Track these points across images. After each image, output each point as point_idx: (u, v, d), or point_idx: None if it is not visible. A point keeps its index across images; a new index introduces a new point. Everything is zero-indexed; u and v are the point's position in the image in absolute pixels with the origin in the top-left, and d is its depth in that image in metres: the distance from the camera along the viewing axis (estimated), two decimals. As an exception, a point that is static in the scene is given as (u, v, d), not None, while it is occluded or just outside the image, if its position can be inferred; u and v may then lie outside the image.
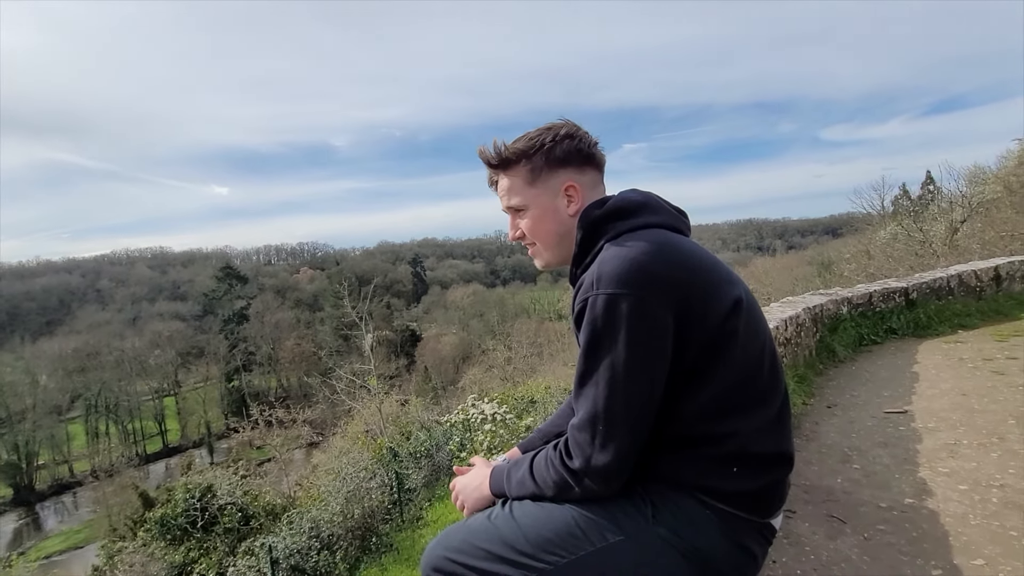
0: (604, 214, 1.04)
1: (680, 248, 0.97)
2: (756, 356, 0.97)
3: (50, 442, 37.10)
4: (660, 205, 1.08)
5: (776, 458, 0.97)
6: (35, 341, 50.67)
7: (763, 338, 1.00)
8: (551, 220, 1.11)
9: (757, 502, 0.96)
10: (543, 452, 1.03)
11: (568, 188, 1.09)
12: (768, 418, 0.96)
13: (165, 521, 8.66)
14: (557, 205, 1.10)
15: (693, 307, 0.90)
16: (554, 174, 1.09)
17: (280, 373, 48.67)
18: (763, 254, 66.15)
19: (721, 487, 0.93)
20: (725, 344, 0.93)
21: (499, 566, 0.95)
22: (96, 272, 73.76)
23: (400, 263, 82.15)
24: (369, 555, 6.80)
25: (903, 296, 5.74)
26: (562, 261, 1.14)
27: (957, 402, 3.40)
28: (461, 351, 43.64)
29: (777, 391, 1.00)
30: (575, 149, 1.09)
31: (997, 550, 1.86)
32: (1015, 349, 4.42)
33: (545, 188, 1.10)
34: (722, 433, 0.93)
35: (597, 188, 1.13)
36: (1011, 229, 12.35)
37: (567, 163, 1.09)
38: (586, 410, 0.92)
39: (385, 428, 11.85)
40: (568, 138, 1.09)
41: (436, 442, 8.83)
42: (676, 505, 0.94)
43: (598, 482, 0.93)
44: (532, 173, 1.10)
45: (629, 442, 0.91)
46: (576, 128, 1.12)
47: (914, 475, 2.50)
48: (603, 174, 1.15)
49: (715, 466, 0.94)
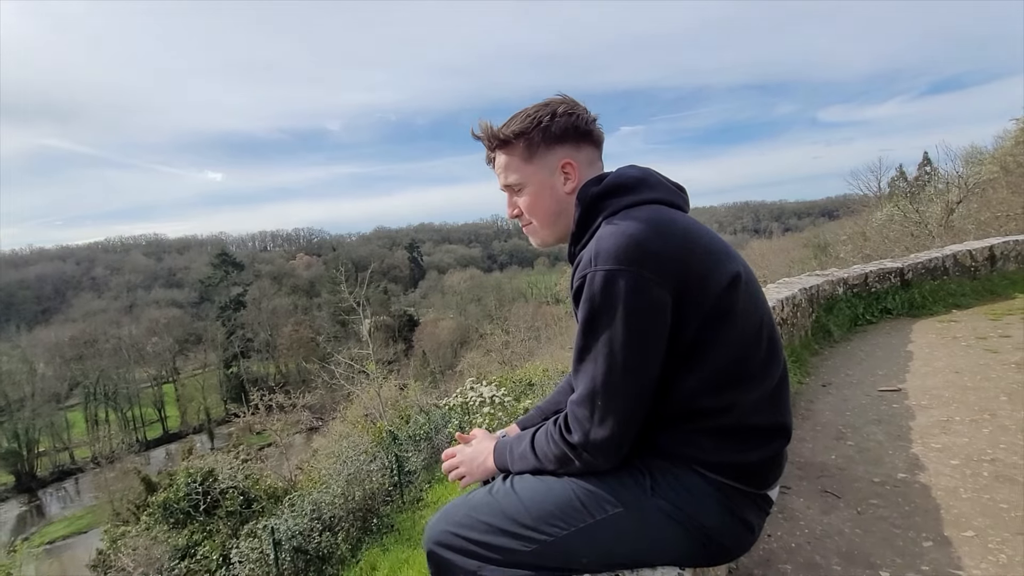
0: (602, 191, 1.03)
1: (678, 224, 0.96)
2: (754, 330, 0.97)
3: (50, 430, 37.24)
4: (658, 181, 1.08)
5: (774, 430, 0.98)
6: (31, 330, 50.51)
7: (761, 312, 1.00)
8: (548, 198, 1.10)
9: (755, 474, 0.97)
10: (544, 427, 1.04)
11: (565, 165, 1.08)
12: (766, 391, 0.97)
13: (168, 505, 8.75)
14: (554, 182, 1.09)
15: (691, 283, 0.90)
16: (551, 151, 1.08)
17: (278, 359, 48.76)
18: (760, 237, 66.15)
19: (719, 460, 0.95)
20: (723, 319, 0.93)
21: (501, 538, 0.97)
22: (90, 260, 73.25)
23: (397, 248, 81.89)
24: (370, 536, 6.89)
25: (898, 276, 5.76)
26: (559, 239, 1.13)
27: (950, 380, 3.44)
28: (459, 335, 43.76)
29: (776, 365, 1.00)
30: (572, 126, 1.08)
31: (987, 522, 1.90)
32: (1008, 327, 4.46)
33: (542, 165, 1.09)
34: (721, 406, 0.94)
35: (595, 165, 1.12)
36: (1007, 209, 12.37)
37: (564, 140, 1.08)
38: (585, 385, 0.93)
39: (384, 412, 11.93)
40: (565, 115, 1.07)
41: (435, 425, 8.91)
42: (675, 477, 0.95)
43: (597, 456, 0.94)
44: (529, 150, 1.08)
45: (627, 417, 0.92)
46: (574, 104, 1.10)
47: (907, 451, 2.54)
48: (601, 151, 1.14)
49: (714, 439, 0.94)
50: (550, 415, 1.29)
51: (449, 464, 1.22)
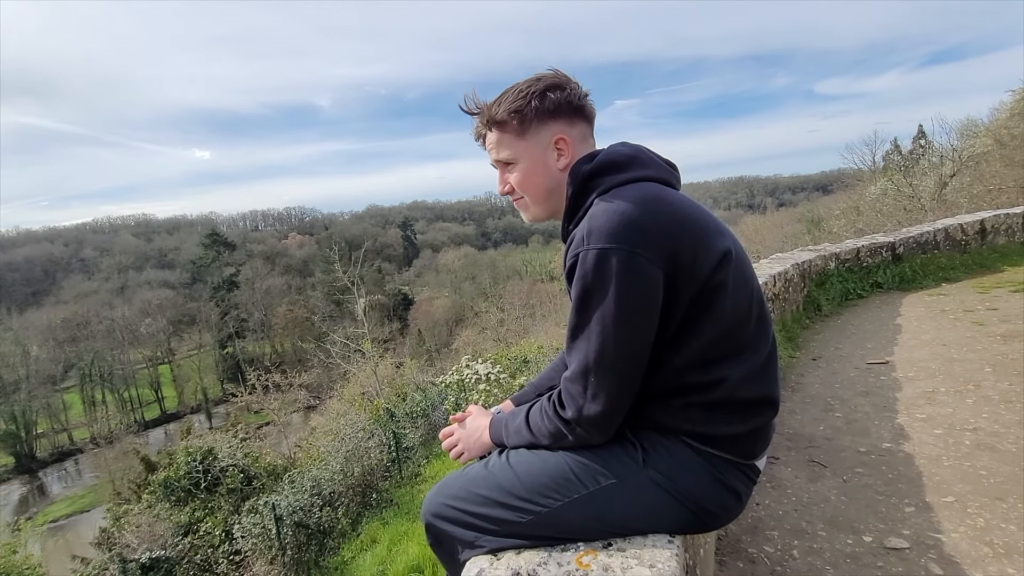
0: (594, 168, 1.03)
1: (670, 201, 0.97)
2: (744, 306, 0.99)
3: (47, 411, 37.32)
4: (650, 158, 1.08)
5: (762, 402, 1.01)
6: (22, 312, 50.14)
7: (751, 288, 1.02)
8: (540, 174, 1.09)
9: (743, 444, 1.00)
10: (538, 403, 1.06)
11: (558, 141, 1.07)
12: (756, 365, 0.99)
13: (169, 483, 8.86)
14: (547, 158, 1.08)
15: (682, 260, 0.92)
16: (544, 126, 1.07)
17: (274, 339, 48.77)
18: (754, 212, 66.13)
19: (709, 432, 0.97)
20: (714, 295, 0.95)
21: (496, 510, 1.00)
22: (79, 241, 72.29)
23: (390, 227, 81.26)
24: (370, 510, 7.03)
25: (890, 251, 5.81)
26: (551, 215, 1.13)
27: (937, 352, 3.51)
28: (454, 314, 43.86)
29: (765, 340, 1.02)
30: (565, 101, 1.07)
31: (967, 488, 1.97)
32: (995, 300, 4.53)
33: (535, 141, 1.08)
34: (711, 380, 0.96)
35: (587, 141, 1.11)
36: (999, 183, 12.41)
37: (557, 115, 1.07)
38: (578, 362, 0.95)
39: (381, 390, 12.02)
40: (558, 88, 1.06)
41: (431, 402, 9.01)
42: (665, 449, 0.98)
43: (590, 430, 0.97)
44: (522, 126, 1.07)
45: (619, 393, 0.94)
46: (566, 79, 1.09)
47: (892, 421, 2.61)
48: (593, 127, 1.13)
49: (704, 412, 0.97)
50: (544, 391, 1.31)
51: (448, 442, 1.25)
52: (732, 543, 1.79)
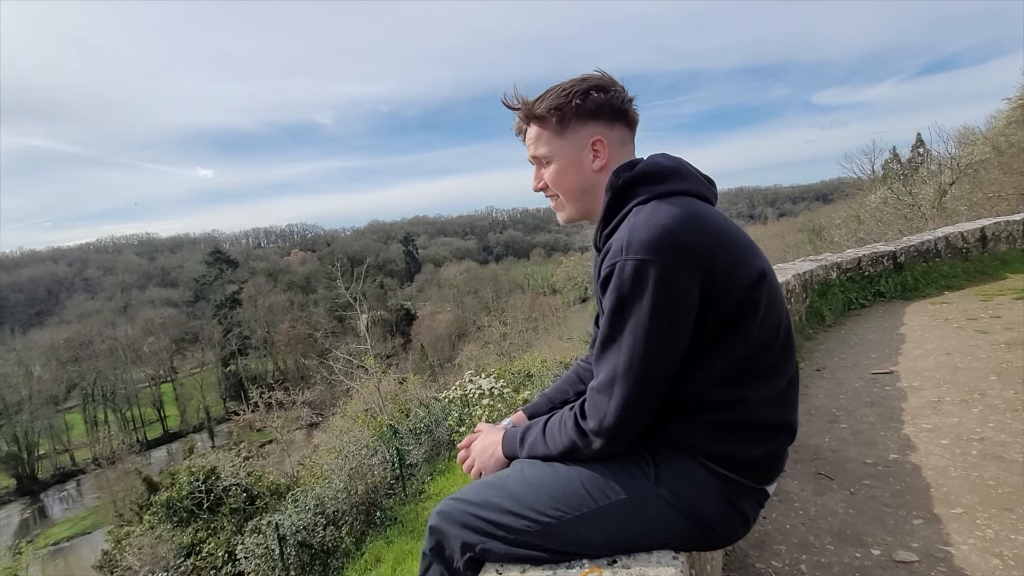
0: (634, 177, 1.03)
1: (709, 218, 0.97)
2: (772, 329, 0.99)
3: (49, 432, 37.19)
4: (690, 172, 1.08)
5: (780, 428, 1.01)
6: (25, 332, 50.23)
7: (780, 312, 1.01)
8: (575, 173, 1.10)
9: (757, 469, 1.00)
10: (559, 415, 1.06)
11: (595, 142, 1.08)
12: (777, 389, 0.99)
13: (171, 504, 8.80)
14: (582, 158, 1.09)
15: (718, 278, 0.92)
16: (583, 126, 1.08)
17: (276, 356, 48.74)
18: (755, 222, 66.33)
19: (724, 452, 0.97)
20: (746, 315, 0.94)
21: (506, 517, 1.00)
22: (83, 261, 72.69)
23: (392, 242, 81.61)
24: (374, 529, 6.96)
25: (891, 260, 5.81)
26: (584, 216, 1.14)
27: (941, 361, 3.49)
28: (456, 328, 43.84)
29: (788, 364, 1.02)
30: (607, 103, 1.07)
31: (975, 499, 1.95)
32: (998, 308, 4.52)
33: (572, 140, 1.08)
34: (731, 401, 0.96)
35: (626, 147, 1.11)
36: (998, 190, 12.44)
37: (597, 116, 1.07)
38: (607, 372, 0.95)
39: (384, 406, 11.97)
40: (601, 90, 1.07)
41: (435, 418, 8.96)
42: (679, 467, 0.98)
43: (607, 441, 0.97)
44: (561, 124, 1.08)
45: (642, 406, 0.94)
46: (611, 82, 1.09)
47: (899, 432, 2.59)
48: (634, 133, 1.13)
49: (720, 432, 0.97)
50: (558, 404, 1.32)
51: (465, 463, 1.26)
52: (739, 558, 1.78)
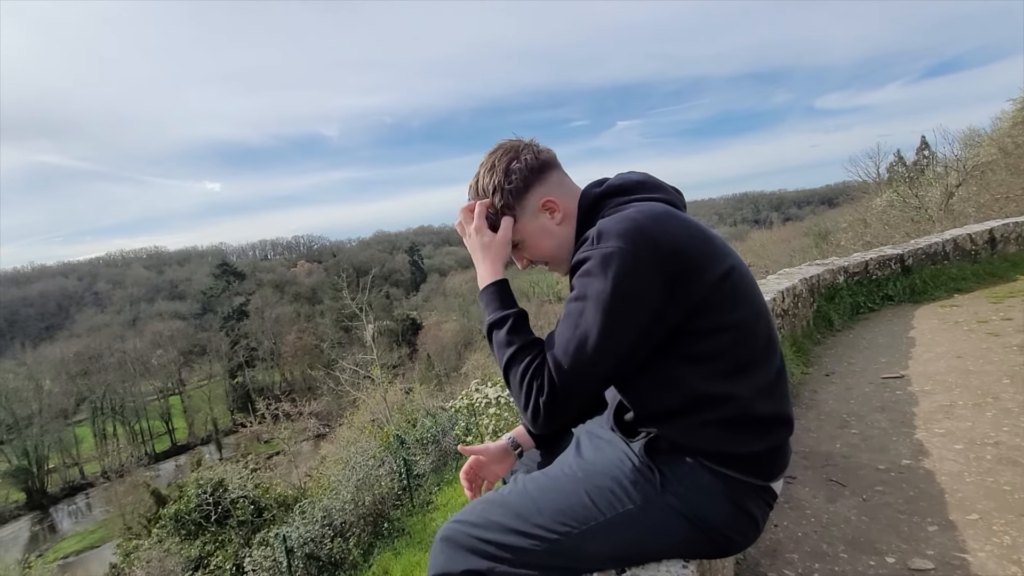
0: (603, 192, 1.07)
1: (677, 216, 0.99)
2: (751, 322, 0.99)
3: (59, 446, 37.39)
4: (657, 184, 1.11)
5: (776, 420, 1.00)
6: (36, 347, 50.64)
7: (758, 306, 1.02)
8: (545, 238, 1.13)
9: (760, 465, 0.99)
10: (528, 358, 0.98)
11: (545, 203, 1.11)
12: (765, 382, 0.99)
13: (179, 517, 8.80)
14: (542, 223, 1.12)
15: (687, 271, 0.92)
16: (525, 200, 1.11)
17: (283, 367, 48.86)
18: (760, 227, 65.97)
19: (726, 451, 0.96)
20: (718, 309, 0.95)
21: (512, 537, 0.98)
22: (92, 275, 73.41)
23: (397, 252, 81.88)
24: (382, 540, 6.92)
25: (899, 263, 5.77)
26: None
27: (953, 364, 3.45)
28: (463, 337, 43.76)
29: (773, 356, 1.02)
30: (527, 168, 1.11)
31: (991, 504, 1.92)
32: (1010, 310, 4.47)
33: (525, 216, 1.12)
34: (721, 394, 0.95)
35: (564, 183, 1.15)
36: (1006, 191, 12.34)
37: (528, 185, 1.11)
38: (558, 346, 0.94)
39: (391, 416, 11.95)
40: (514, 161, 1.10)
41: (442, 428, 8.93)
42: (683, 473, 0.97)
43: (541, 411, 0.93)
44: (506, 211, 1.12)
45: (582, 390, 0.93)
46: (516, 148, 1.12)
47: (911, 437, 2.55)
48: (560, 167, 1.16)
49: (719, 430, 0.96)
50: None
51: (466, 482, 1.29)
52: (751, 567, 1.75)
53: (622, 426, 1.06)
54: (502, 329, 1.03)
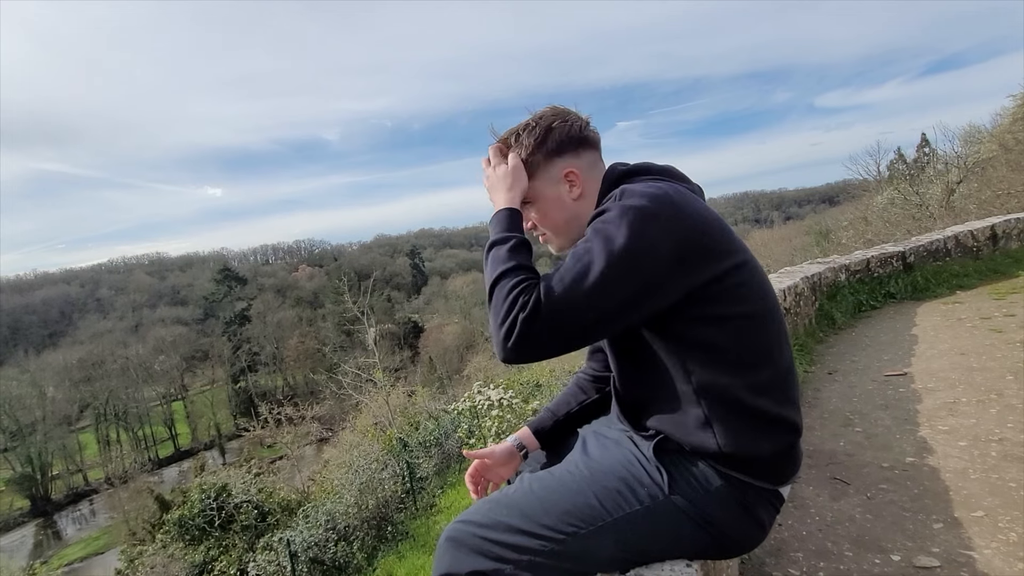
0: (628, 170, 1.09)
1: (701, 203, 1.01)
2: (759, 318, 0.98)
3: (62, 452, 37.44)
4: (680, 174, 1.13)
5: (782, 421, 0.99)
6: (39, 354, 50.76)
7: (769, 304, 1.01)
8: (557, 209, 1.13)
9: (770, 469, 0.98)
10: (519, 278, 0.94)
11: (568, 174, 1.10)
12: (772, 380, 0.98)
13: (183, 522, 8.80)
14: (560, 193, 1.11)
15: (698, 252, 0.92)
16: (551, 164, 1.11)
17: (286, 372, 48.91)
18: (761, 226, 65.90)
19: (733, 451, 0.95)
20: (724, 298, 0.94)
21: (518, 537, 0.97)
22: (95, 281, 73.62)
23: (398, 255, 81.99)
24: (386, 543, 6.92)
25: (900, 260, 5.76)
26: (574, 243, 1.16)
27: (956, 361, 3.44)
28: (465, 340, 43.73)
29: (782, 353, 1.01)
30: (566, 135, 1.11)
31: (996, 501, 1.91)
32: (1012, 306, 4.45)
33: (545, 179, 1.11)
34: (722, 386, 0.95)
35: (596, 166, 1.14)
36: (1007, 187, 12.32)
37: (562, 151, 1.11)
38: (555, 276, 0.90)
39: (393, 420, 11.95)
40: (559, 126, 1.10)
41: (445, 430, 8.94)
42: (692, 475, 0.97)
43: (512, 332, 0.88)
44: (530, 167, 1.11)
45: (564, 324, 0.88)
46: (565, 114, 1.12)
47: (915, 434, 2.55)
48: (600, 151, 1.17)
49: (725, 428, 0.95)
50: (561, 416, 1.31)
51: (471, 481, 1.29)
52: (756, 567, 1.75)
53: (628, 414, 1.07)
54: (504, 246, 1.00)
